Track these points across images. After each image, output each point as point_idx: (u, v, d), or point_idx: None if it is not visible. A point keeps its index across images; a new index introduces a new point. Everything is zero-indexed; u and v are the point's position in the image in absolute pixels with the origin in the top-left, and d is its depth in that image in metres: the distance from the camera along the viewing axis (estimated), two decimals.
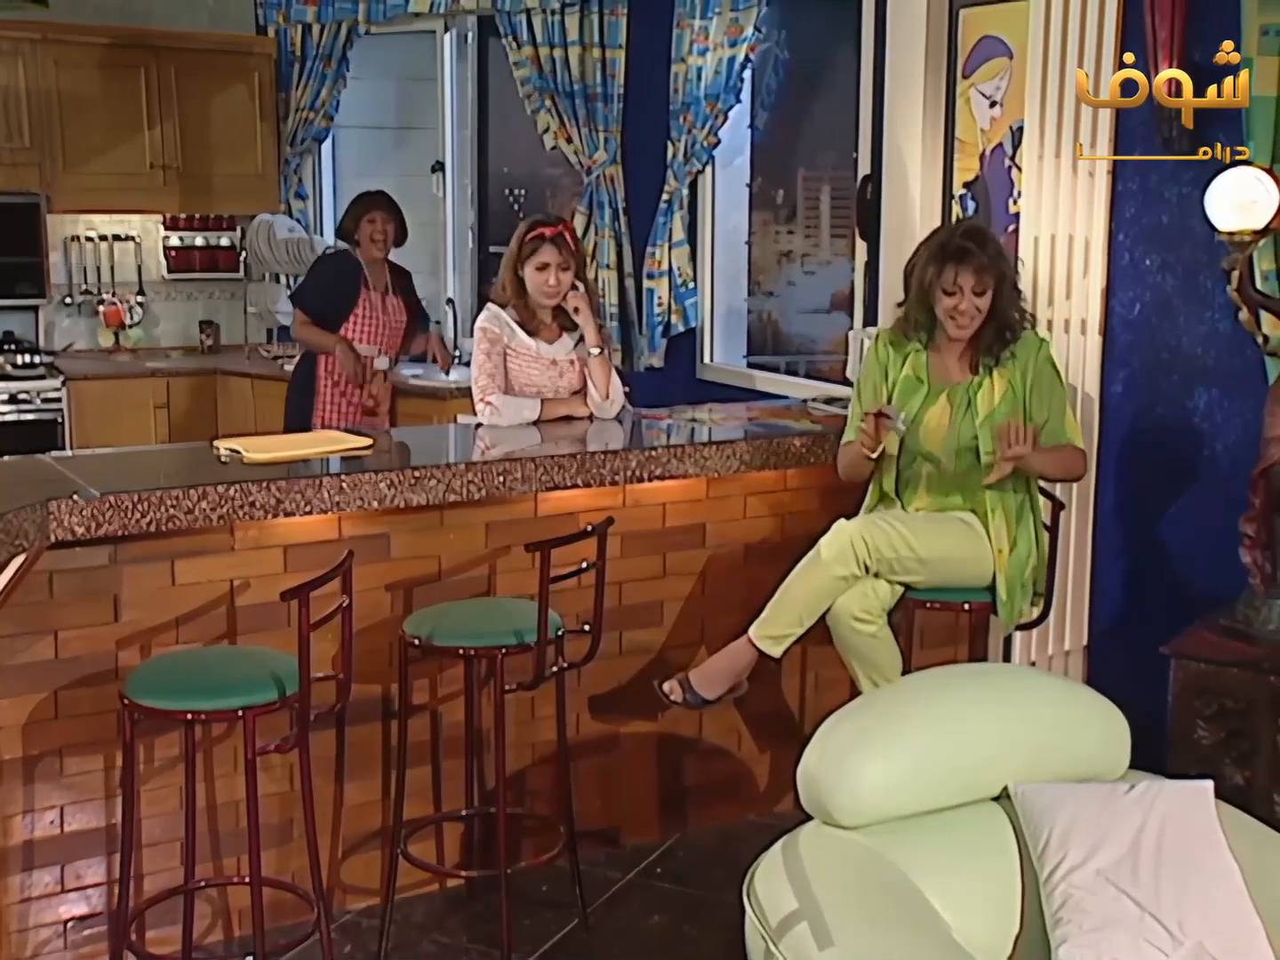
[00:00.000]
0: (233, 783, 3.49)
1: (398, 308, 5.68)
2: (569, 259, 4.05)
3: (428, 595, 3.67)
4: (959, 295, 3.61)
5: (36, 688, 3.29)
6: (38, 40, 6.46)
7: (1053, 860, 2.48)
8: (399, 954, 3.53)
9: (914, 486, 3.80)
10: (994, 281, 3.62)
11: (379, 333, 5.62)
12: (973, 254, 3.59)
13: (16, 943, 3.35)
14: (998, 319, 3.68)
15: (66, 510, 3.12)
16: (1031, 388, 3.67)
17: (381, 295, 5.61)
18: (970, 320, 3.65)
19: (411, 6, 6.68)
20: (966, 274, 3.59)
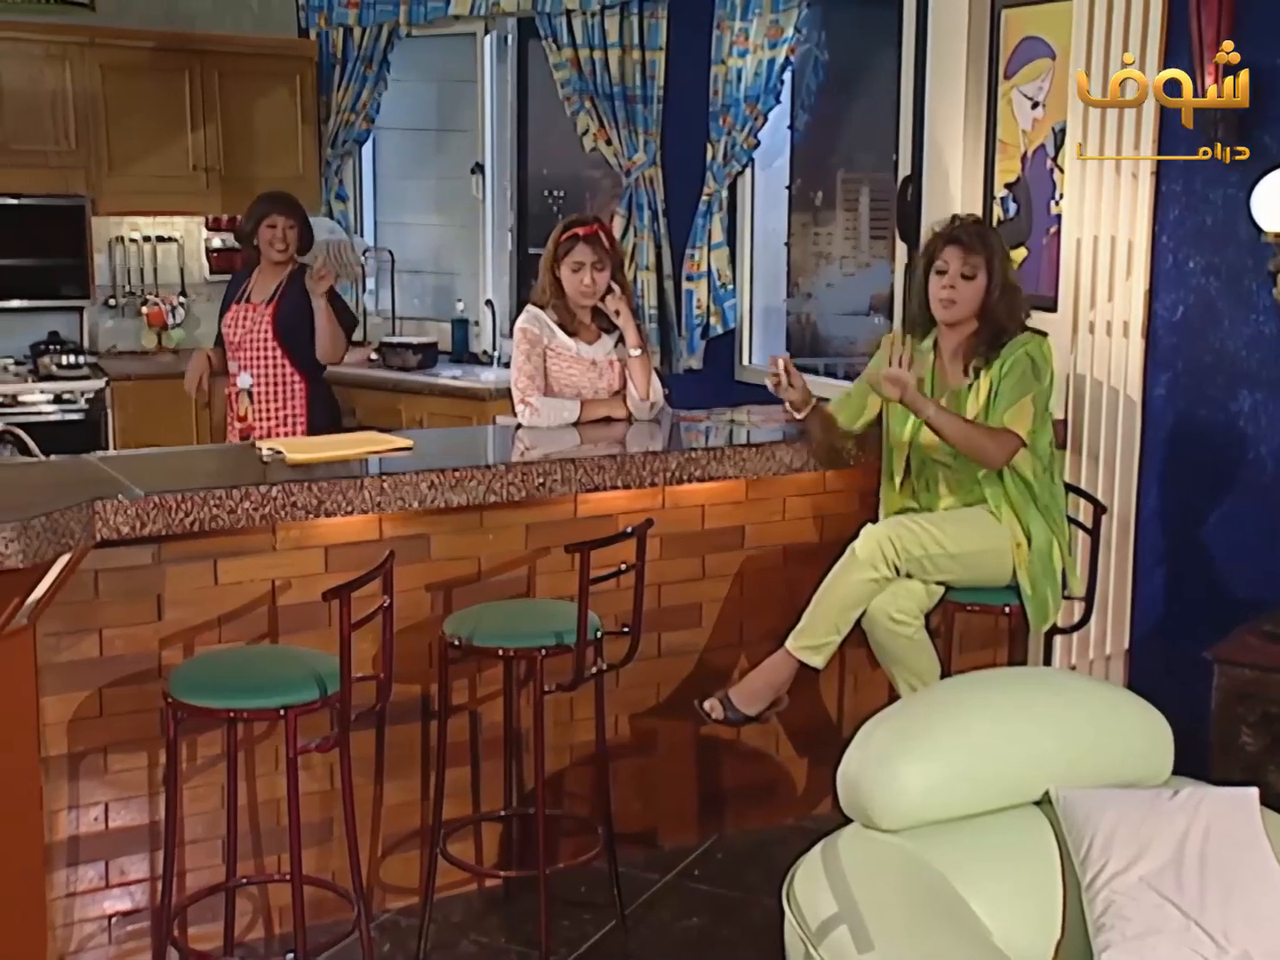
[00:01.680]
0: (273, 781, 3.50)
1: (265, 319, 5.09)
2: (604, 258, 4.05)
3: (467, 596, 3.68)
4: (947, 275, 3.66)
5: (81, 685, 3.31)
6: (84, 44, 6.51)
7: (1095, 866, 2.46)
8: (438, 953, 3.54)
9: (934, 488, 3.80)
10: (984, 271, 3.66)
11: (239, 348, 5.12)
12: (965, 237, 3.68)
13: (62, 937, 3.37)
14: (989, 322, 3.69)
15: (112, 510, 3.13)
16: (1003, 379, 3.66)
17: (255, 306, 5.12)
18: (954, 305, 3.67)
19: (452, 9, 6.70)
20: (955, 252, 3.66)
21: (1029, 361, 3.66)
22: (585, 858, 3.68)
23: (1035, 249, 4.50)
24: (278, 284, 5.12)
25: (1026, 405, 3.62)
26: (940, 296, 3.69)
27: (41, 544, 2.95)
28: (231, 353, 5.15)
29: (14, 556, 2.88)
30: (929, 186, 4.80)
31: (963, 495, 3.76)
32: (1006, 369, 3.65)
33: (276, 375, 5.10)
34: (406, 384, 6.47)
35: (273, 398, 5.10)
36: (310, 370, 5.14)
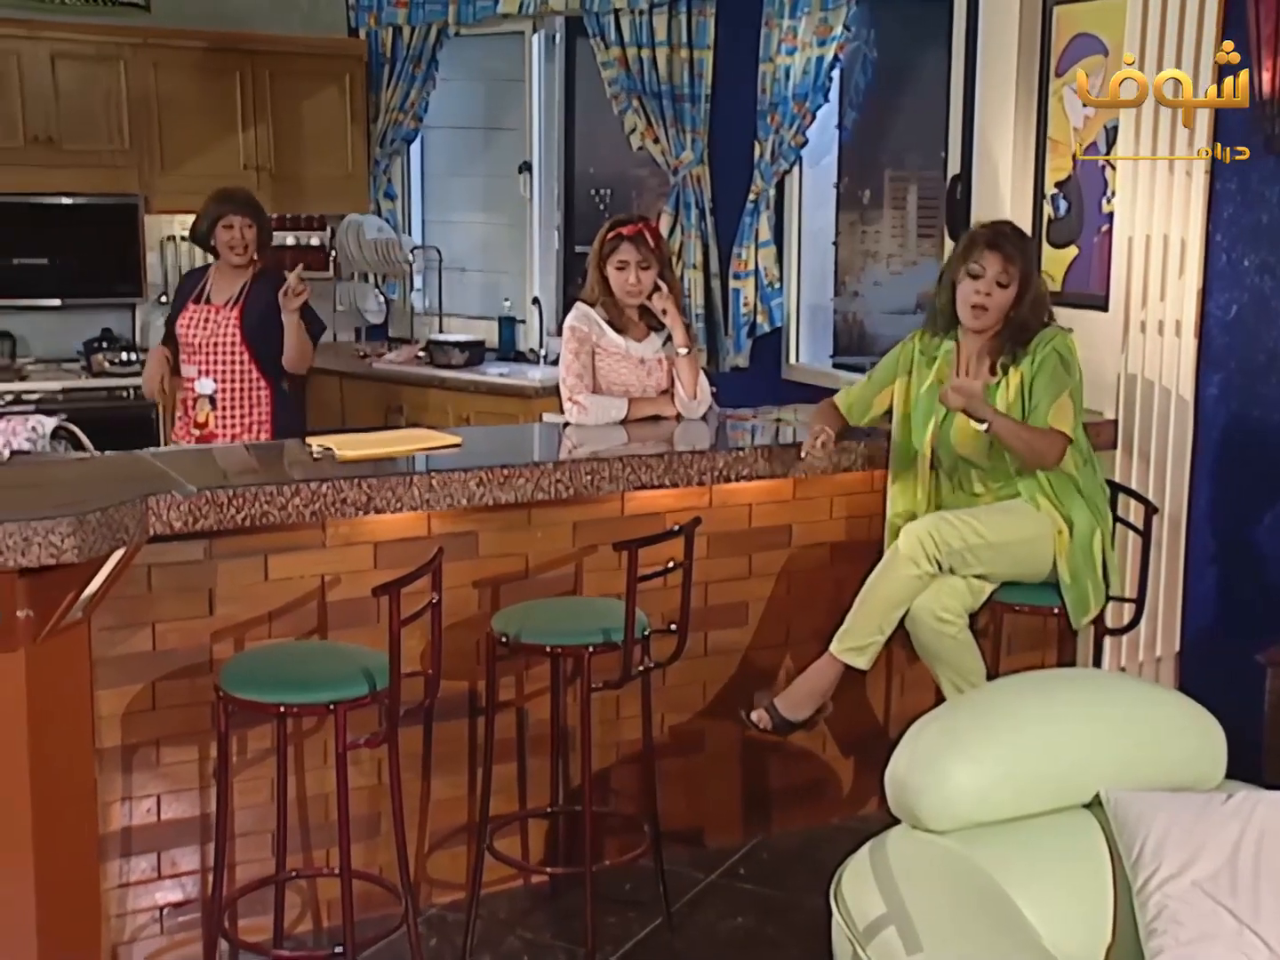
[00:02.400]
0: (322, 776, 3.52)
1: (230, 322, 4.86)
2: (649, 257, 4.06)
3: (515, 593, 3.69)
4: (983, 280, 3.63)
5: (134, 679, 3.35)
6: (138, 44, 6.57)
7: (1147, 870, 2.44)
8: (484, 949, 3.55)
9: (967, 486, 3.80)
10: (1019, 279, 3.64)
11: (197, 351, 4.87)
12: (1006, 243, 3.65)
13: (115, 927, 3.41)
14: (1014, 324, 3.68)
15: (165, 505, 3.16)
16: (1035, 376, 3.65)
17: (217, 308, 4.88)
18: (985, 311, 3.65)
19: (500, 8, 6.72)
20: (995, 258, 3.63)
21: (1057, 358, 3.64)
22: (631, 855, 3.68)
23: (1086, 248, 4.47)
24: (241, 285, 4.88)
25: (1066, 402, 3.61)
26: (972, 302, 3.66)
27: (97, 539, 2.97)
28: (189, 356, 4.89)
29: (70, 551, 2.91)
30: (979, 185, 4.78)
31: (997, 491, 3.75)
32: (1037, 366, 3.64)
33: (241, 380, 4.86)
34: (453, 381, 6.48)
35: (237, 404, 4.87)
36: (276, 375, 4.93)
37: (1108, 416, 4.23)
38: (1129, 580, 4.00)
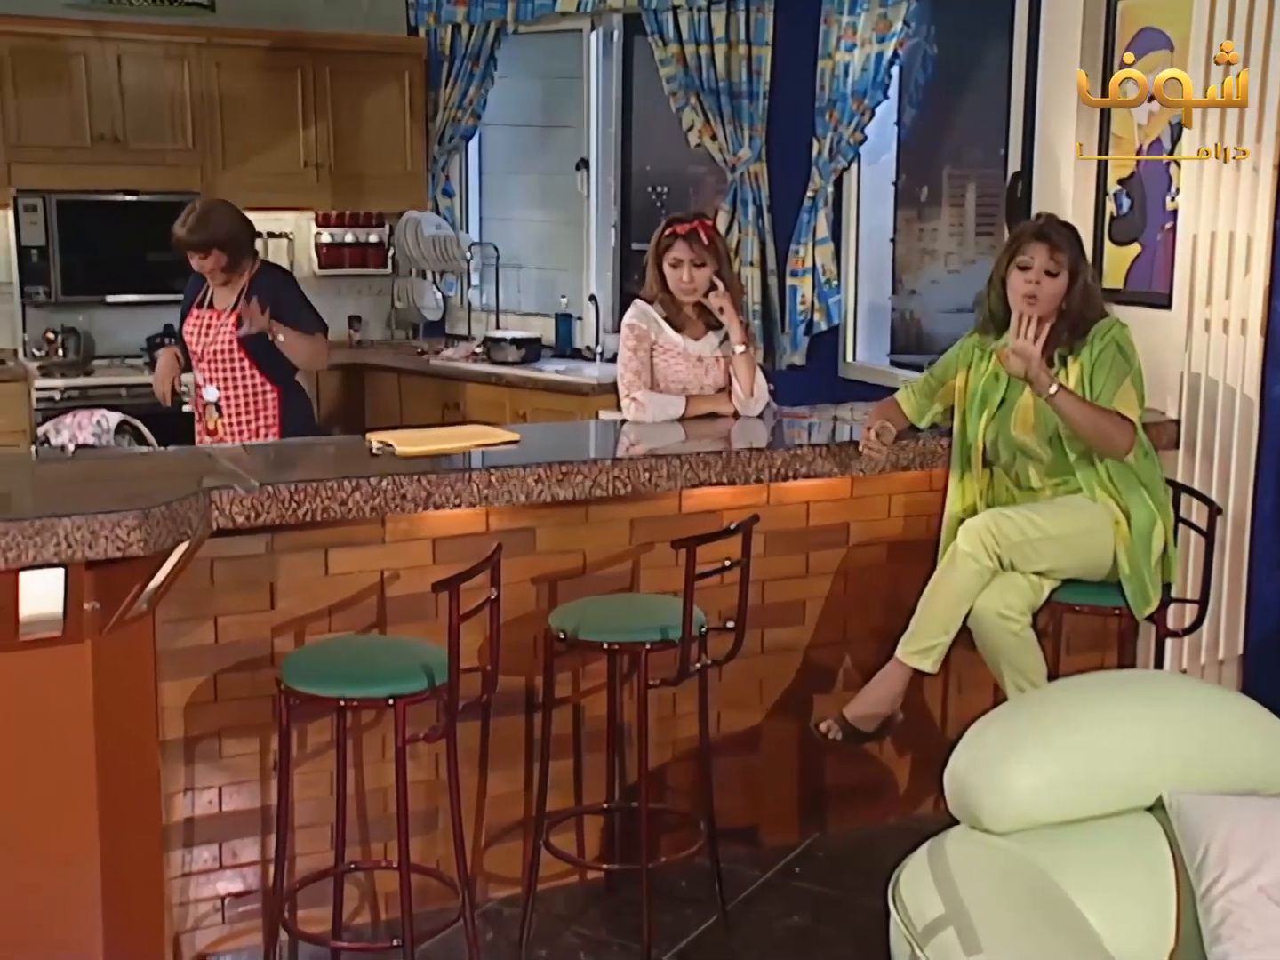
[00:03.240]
0: (380, 769, 3.55)
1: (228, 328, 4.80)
2: (703, 255, 4.05)
3: (572, 589, 3.69)
4: (1031, 270, 3.65)
5: (197, 671, 3.38)
6: (202, 44, 6.65)
7: (1211, 874, 2.41)
8: (540, 944, 3.56)
9: (1025, 482, 3.78)
10: (1068, 269, 3.65)
11: (200, 358, 4.87)
12: (1052, 233, 3.67)
13: (178, 916, 3.45)
14: (1069, 315, 3.67)
15: (228, 500, 3.18)
16: (1095, 366, 3.64)
17: (218, 314, 4.84)
18: (1037, 300, 3.64)
19: (559, 6, 6.74)
20: (1042, 250, 3.65)
21: (1116, 347, 3.64)
22: (687, 853, 3.68)
23: (1149, 245, 4.42)
24: (239, 291, 4.82)
25: (1129, 390, 3.61)
26: (1023, 291, 3.66)
27: (161, 533, 3.00)
28: (194, 362, 4.91)
29: (136, 545, 2.94)
30: (1040, 182, 4.73)
31: (1056, 486, 3.73)
32: (1096, 357, 3.64)
33: (245, 385, 4.84)
34: (510, 378, 6.51)
35: (243, 409, 4.85)
36: (282, 378, 4.88)
37: (1170, 416, 4.19)
38: (1192, 581, 3.96)
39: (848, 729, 3.71)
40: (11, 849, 3.11)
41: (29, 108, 6.43)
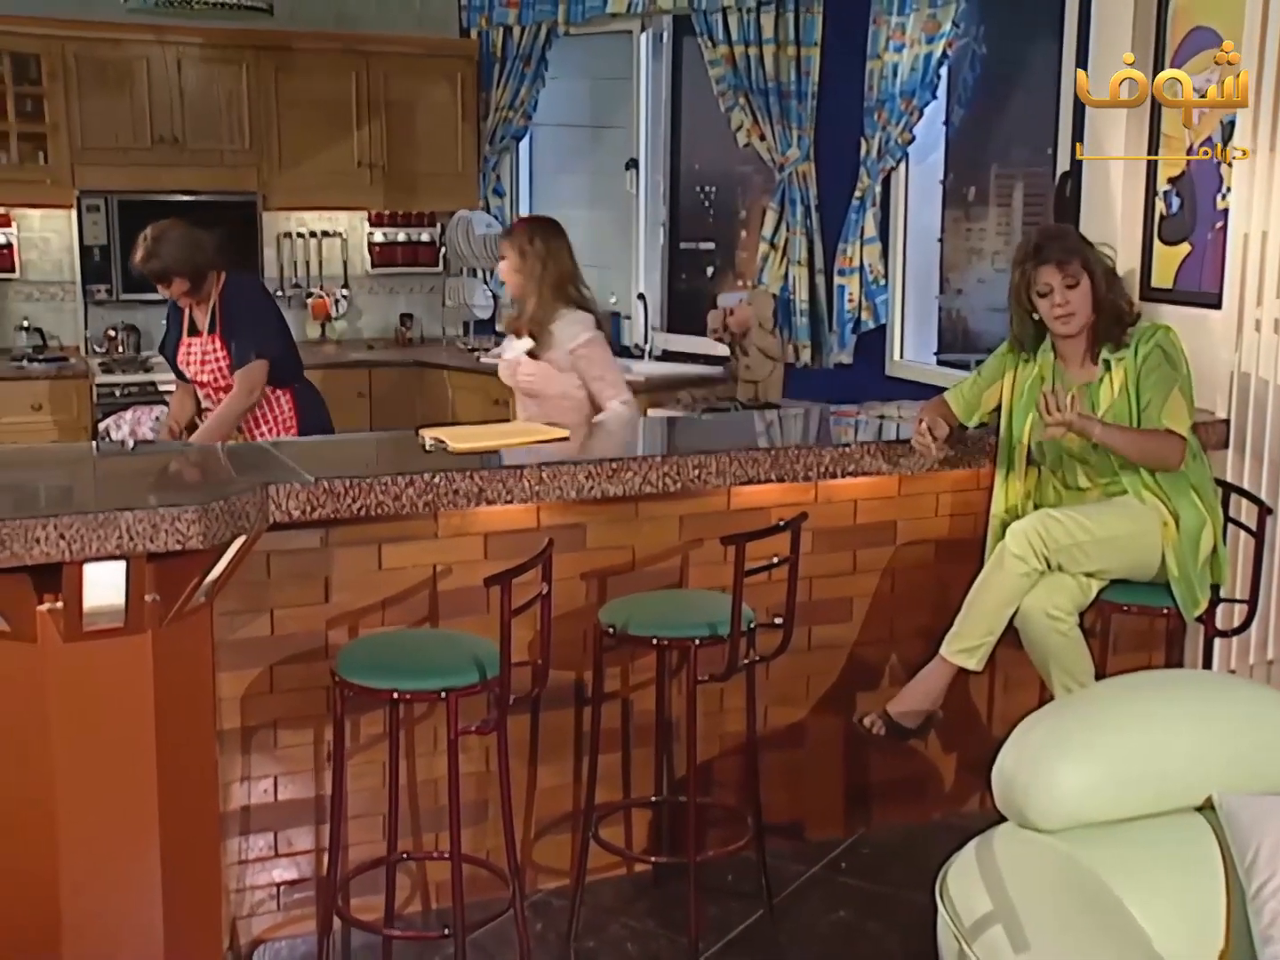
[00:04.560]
0: (432, 761, 3.56)
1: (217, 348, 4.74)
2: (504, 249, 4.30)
3: (622, 585, 3.69)
4: (1052, 293, 3.63)
5: (253, 662, 3.40)
6: (260, 48, 6.71)
7: (1261, 875, 2.38)
8: (589, 935, 3.57)
9: (1072, 483, 3.76)
10: (1084, 272, 3.62)
11: (204, 385, 4.82)
12: (1049, 249, 3.64)
13: (235, 902, 3.48)
14: (1106, 309, 3.66)
15: (284, 494, 3.20)
16: (1140, 373, 3.61)
17: (202, 337, 4.77)
18: (1072, 316, 3.63)
19: (610, 7, 6.74)
20: (1051, 270, 3.62)
21: (1161, 353, 3.61)
22: (734, 847, 3.67)
23: (1199, 245, 4.38)
24: (211, 308, 4.73)
25: (1178, 399, 3.58)
26: (1055, 315, 3.65)
27: (220, 526, 3.02)
28: (201, 390, 4.83)
29: (195, 538, 2.97)
30: (1089, 182, 4.69)
31: (1103, 487, 3.71)
32: (1141, 361, 3.62)
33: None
34: None
35: (260, 420, 4.78)
36: (288, 378, 4.83)
37: (1219, 416, 4.14)
38: (1241, 582, 3.92)
39: (891, 725, 3.70)
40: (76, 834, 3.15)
41: (92, 111, 6.51)
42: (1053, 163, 5.08)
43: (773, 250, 6.17)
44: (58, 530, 2.88)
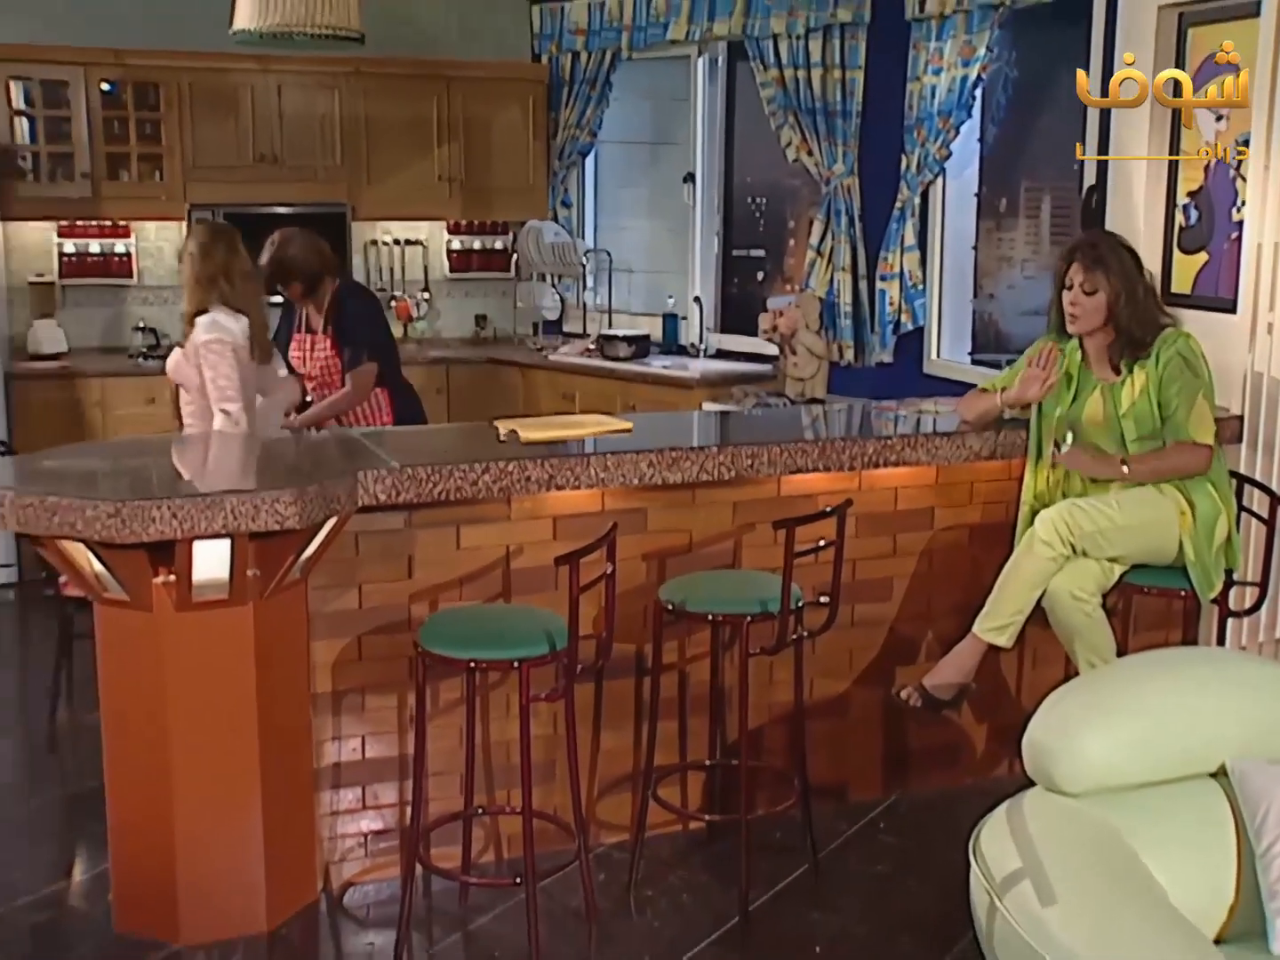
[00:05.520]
0: (505, 724, 3.59)
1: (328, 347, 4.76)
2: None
3: (679, 565, 3.70)
4: (1073, 290, 3.63)
5: (343, 633, 3.44)
6: (351, 73, 6.74)
7: (1270, 835, 2.37)
8: (647, 885, 3.58)
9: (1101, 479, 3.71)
10: (1105, 285, 3.59)
11: (311, 379, 4.80)
12: (1083, 250, 3.64)
13: (327, 849, 3.53)
14: (1121, 330, 3.62)
15: (372, 480, 3.24)
16: (1162, 379, 3.58)
17: (315, 338, 4.79)
18: (1080, 318, 3.63)
19: (669, 34, 6.72)
20: (1078, 271, 3.63)
21: (1181, 361, 3.58)
22: (781, 807, 3.68)
23: (1216, 254, 4.33)
24: (325, 309, 4.75)
25: (1202, 408, 3.57)
26: (1066, 310, 3.66)
27: (314, 508, 3.07)
28: (309, 385, 4.80)
29: (292, 519, 3.01)
30: (1114, 195, 4.65)
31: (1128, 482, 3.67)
32: (1162, 370, 3.58)
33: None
34: (621, 372, 6.53)
35: (362, 416, 4.77)
36: (388, 379, 4.80)
37: (1234, 412, 4.10)
38: (1253, 566, 3.87)
39: (927, 697, 3.70)
40: (188, 783, 3.22)
41: (202, 133, 6.59)
42: (1079, 177, 5.03)
43: (819, 257, 6.14)
44: (171, 511, 2.94)
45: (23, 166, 6.40)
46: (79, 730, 4.48)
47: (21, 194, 6.34)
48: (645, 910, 3.48)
